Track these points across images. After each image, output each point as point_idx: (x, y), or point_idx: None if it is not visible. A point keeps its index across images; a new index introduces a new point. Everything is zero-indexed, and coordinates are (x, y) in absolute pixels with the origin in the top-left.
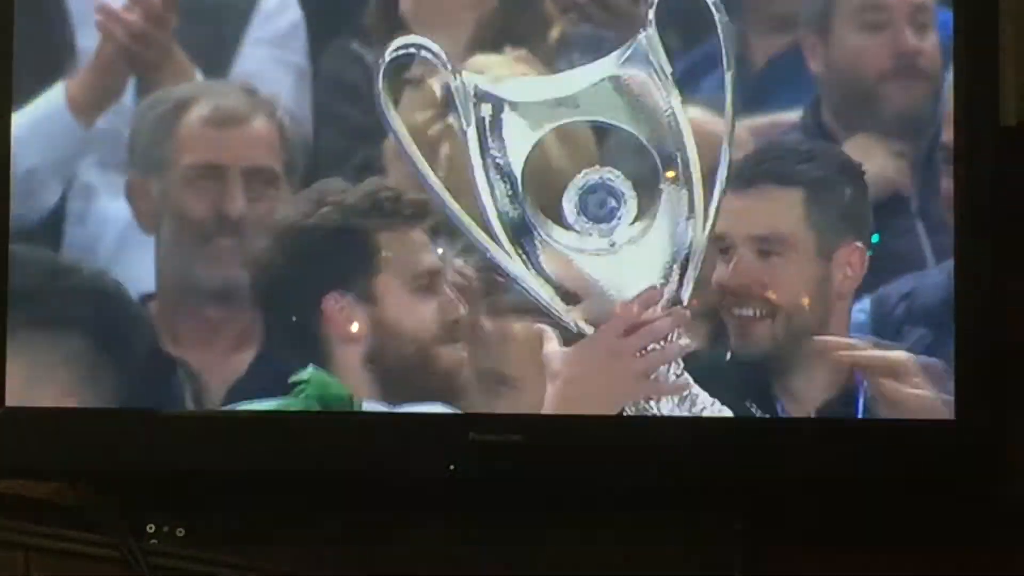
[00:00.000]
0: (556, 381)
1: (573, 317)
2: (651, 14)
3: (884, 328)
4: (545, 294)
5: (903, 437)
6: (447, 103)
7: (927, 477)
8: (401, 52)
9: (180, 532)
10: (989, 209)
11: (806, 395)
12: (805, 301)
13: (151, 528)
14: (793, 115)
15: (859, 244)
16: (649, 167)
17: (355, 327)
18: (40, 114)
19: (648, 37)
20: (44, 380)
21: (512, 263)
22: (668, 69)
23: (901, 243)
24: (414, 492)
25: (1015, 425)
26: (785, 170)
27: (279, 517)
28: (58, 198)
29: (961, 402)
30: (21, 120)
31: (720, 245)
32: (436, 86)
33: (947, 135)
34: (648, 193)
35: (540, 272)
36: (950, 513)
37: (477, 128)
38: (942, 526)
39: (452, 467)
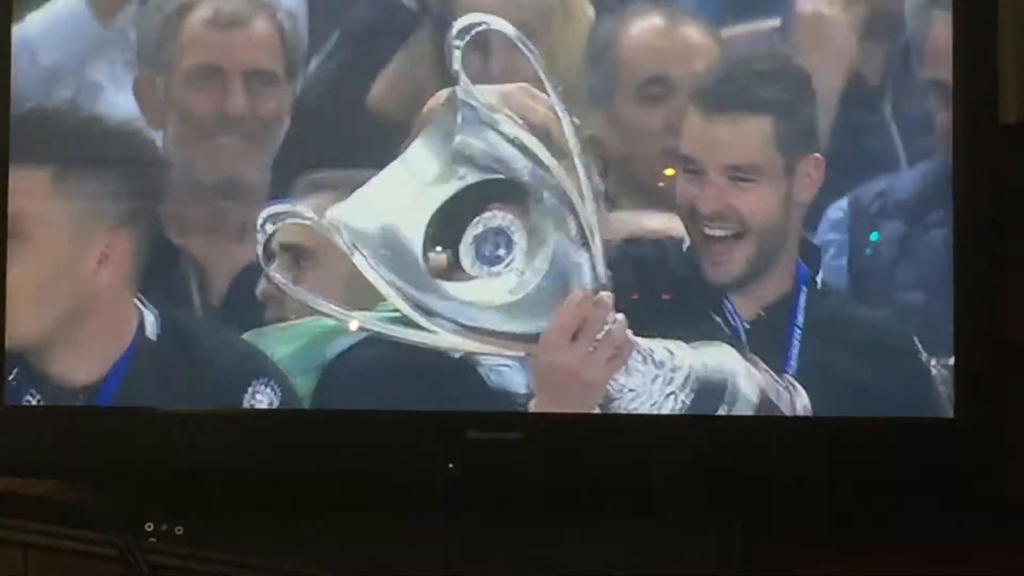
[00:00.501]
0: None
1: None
2: None
3: (860, 224)
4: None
5: (902, 435)
6: None
7: (926, 476)
8: None
9: (179, 531)
10: (988, 207)
11: (755, 295)
12: (773, 217)
13: (150, 527)
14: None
15: (817, 155)
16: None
17: None
18: (61, 11)
19: None
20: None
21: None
22: None
23: (874, 144)
24: (412, 490)
25: (1014, 423)
26: (753, 95)
27: (278, 516)
28: (70, 94)
29: (961, 401)
30: (42, 17)
31: (689, 167)
32: None
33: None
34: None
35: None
36: (949, 512)
37: None
38: (941, 525)
39: (451, 465)
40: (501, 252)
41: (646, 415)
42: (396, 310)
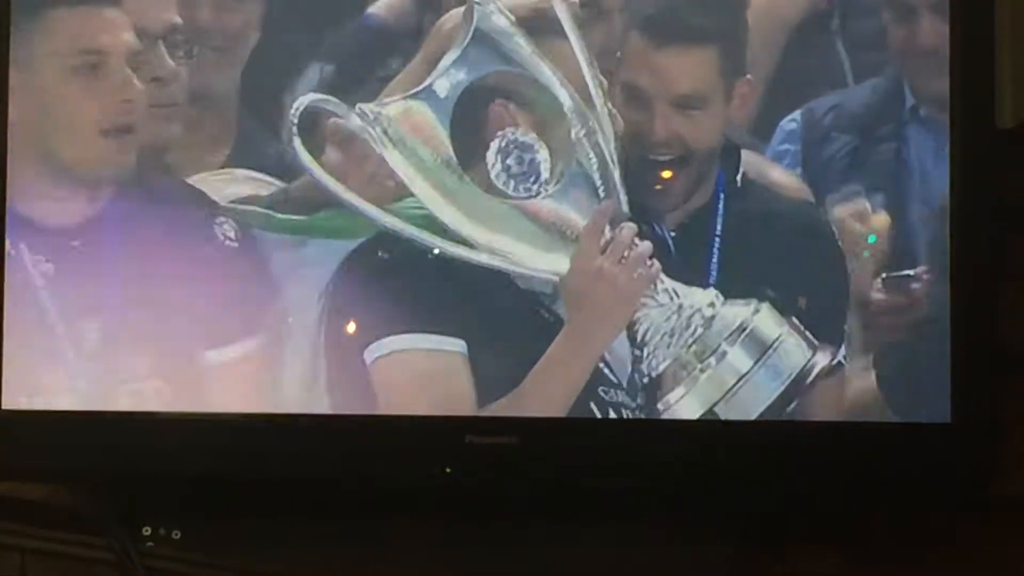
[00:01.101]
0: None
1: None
2: None
3: (813, 133)
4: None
5: (900, 439)
6: None
7: (924, 480)
8: None
9: (176, 535)
10: (985, 213)
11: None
12: (713, 141)
13: (147, 531)
14: None
15: (749, 76)
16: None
17: None
18: None
19: None
20: None
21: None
22: None
23: (821, 61)
24: (410, 495)
25: (1011, 428)
26: (696, 25)
27: (275, 520)
28: None
29: (957, 405)
30: None
31: (635, 95)
32: None
33: None
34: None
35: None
36: (947, 515)
37: None
38: (938, 528)
39: (448, 470)
40: (525, 168)
41: (643, 419)
42: (421, 208)
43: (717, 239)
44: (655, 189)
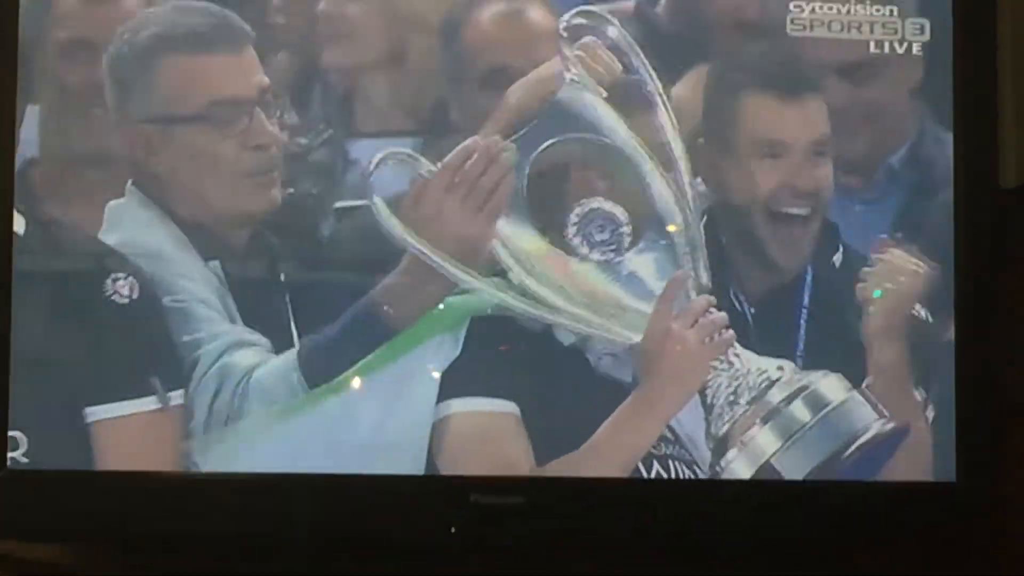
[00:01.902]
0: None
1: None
2: None
3: None
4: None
5: (906, 497)
6: None
7: (929, 537)
8: None
9: None
10: (989, 273)
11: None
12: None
13: None
14: None
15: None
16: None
17: None
18: None
19: None
20: None
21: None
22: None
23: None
24: (416, 554)
25: (1017, 487)
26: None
27: None
28: None
29: (962, 464)
30: None
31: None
32: None
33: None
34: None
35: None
36: (952, 572)
37: None
38: None
39: (453, 529)
40: (607, 236)
41: (647, 479)
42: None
43: (804, 314)
44: (783, 245)
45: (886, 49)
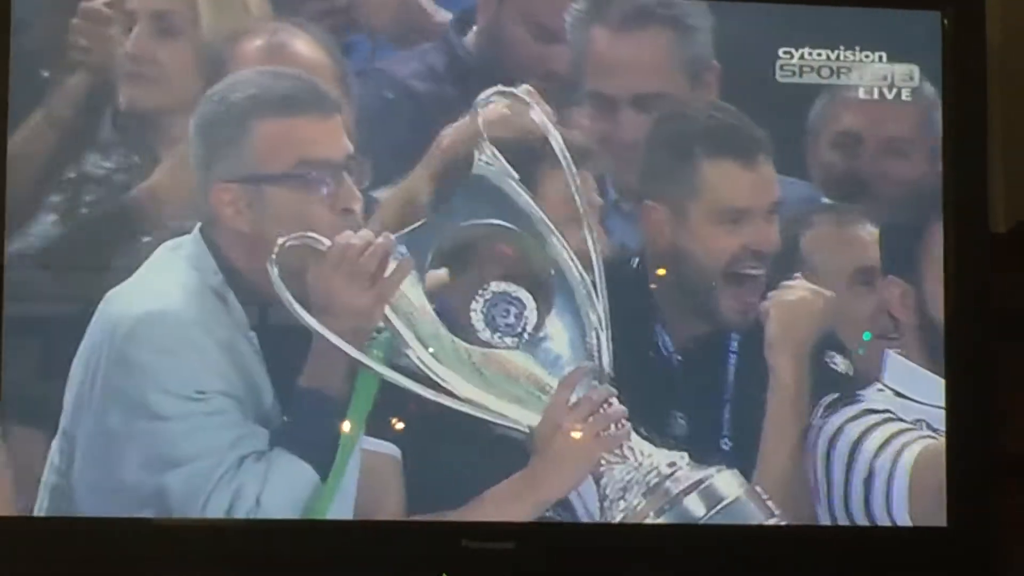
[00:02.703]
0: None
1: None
2: None
3: None
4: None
5: (900, 543)
6: None
7: None
8: None
9: None
10: (980, 318)
11: None
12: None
13: None
14: None
15: None
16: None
17: None
18: None
19: None
20: None
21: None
22: None
23: None
24: None
25: (1007, 532)
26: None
27: None
28: None
29: (953, 510)
30: None
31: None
32: None
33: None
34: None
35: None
36: None
37: None
38: None
39: (444, 575)
40: (512, 320)
41: (637, 524)
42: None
43: (732, 359)
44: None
45: (875, 95)
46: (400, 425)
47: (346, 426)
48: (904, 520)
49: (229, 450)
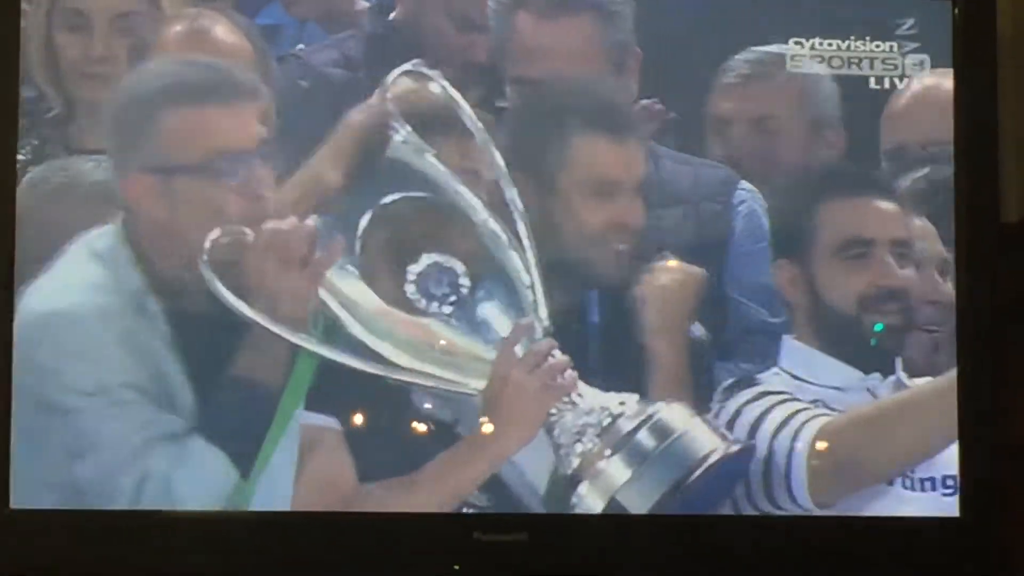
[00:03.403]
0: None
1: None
2: None
3: None
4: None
5: (911, 534)
6: None
7: (934, 573)
8: None
9: None
10: (991, 308)
11: None
12: None
13: None
14: None
15: None
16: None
17: None
18: None
19: None
20: None
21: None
22: None
23: None
24: None
25: (1019, 521)
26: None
27: None
28: None
29: (967, 501)
30: None
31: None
32: None
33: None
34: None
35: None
36: None
37: None
38: None
39: (457, 567)
40: (447, 289)
41: (650, 515)
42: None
43: None
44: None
45: (886, 85)
46: (342, 399)
47: (283, 403)
48: (805, 501)
49: (134, 434)
